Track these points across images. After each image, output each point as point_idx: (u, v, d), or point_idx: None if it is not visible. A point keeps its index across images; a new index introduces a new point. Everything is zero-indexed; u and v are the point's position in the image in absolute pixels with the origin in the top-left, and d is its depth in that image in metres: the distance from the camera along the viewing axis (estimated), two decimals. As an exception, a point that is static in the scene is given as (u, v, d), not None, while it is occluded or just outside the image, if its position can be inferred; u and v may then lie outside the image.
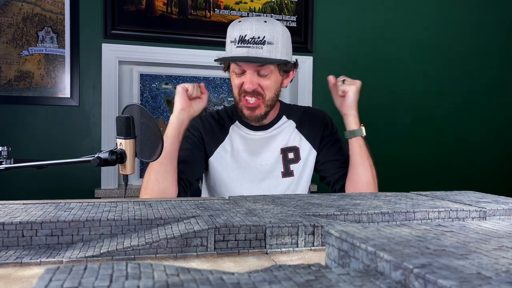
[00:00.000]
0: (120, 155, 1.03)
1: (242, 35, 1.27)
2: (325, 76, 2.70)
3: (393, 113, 2.68)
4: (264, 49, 1.26)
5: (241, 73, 1.32)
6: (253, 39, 1.26)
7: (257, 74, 1.30)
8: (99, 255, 0.56)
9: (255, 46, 1.26)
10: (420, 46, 2.73)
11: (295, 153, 1.42)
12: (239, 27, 1.28)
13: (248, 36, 1.26)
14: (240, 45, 1.27)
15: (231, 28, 1.31)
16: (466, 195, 0.95)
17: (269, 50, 1.27)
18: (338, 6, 2.57)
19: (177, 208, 0.73)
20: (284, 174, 1.41)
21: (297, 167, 1.42)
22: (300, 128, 1.45)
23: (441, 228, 0.49)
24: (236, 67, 1.32)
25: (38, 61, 2.16)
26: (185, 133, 1.42)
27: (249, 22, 1.28)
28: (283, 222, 0.64)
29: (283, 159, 1.41)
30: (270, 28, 1.28)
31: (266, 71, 1.31)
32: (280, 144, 1.42)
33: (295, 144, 1.43)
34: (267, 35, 1.27)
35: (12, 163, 1.04)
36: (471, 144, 2.85)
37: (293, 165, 1.42)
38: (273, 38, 1.28)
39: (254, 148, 1.41)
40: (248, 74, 1.29)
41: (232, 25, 1.32)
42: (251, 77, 1.29)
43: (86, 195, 2.14)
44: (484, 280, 0.32)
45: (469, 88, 2.84)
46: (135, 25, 2.26)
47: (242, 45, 1.27)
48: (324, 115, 1.51)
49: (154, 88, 2.39)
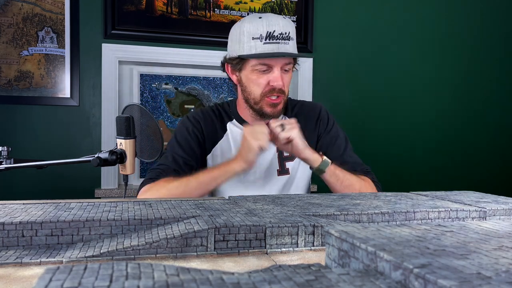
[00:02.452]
0: (120, 155, 1.03)
1: (270, 31, 1.25)
2: (325, 76, 2.71)
3: (393, 113, 2.68)
4: (290, 44, 1.28)
5: (267, 70, 1.29)
6: (281, 35, 1.26)
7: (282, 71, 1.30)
8: (99, 255, 0.56)
9: (283, 42, 1.27)
10: (420, 46, 2.73)
11: None
12: (265, 23, 1.26)
13: (276, 32, 1.26)
14: (269, 41, 1.25)
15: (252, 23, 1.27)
16: (466, 195, 0.95)
17: (293, 45, 1.30)
18: (338, 6, 2.58)
19: (177, 208, 0.73)
20: (279, 172, 1.41)
21: (293, 165, 1.42)
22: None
23: (441, 228, 0.49)
24: (260, 65, 1.28)
25: (38, 61, 2.16)
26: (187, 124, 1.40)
27: (274, 18, 1.28)
28: (283, 222, 0.64)
29: (278, 157, 1.41)
30: (291, 24, 1.31)
31: (289, 67, 1.32)
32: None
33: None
34: (291, 31, 1.29)
35: (12, 163, 1.04)
36: (471, 144, 2.85)
37: (288, 163, 1.41)
38: (293, 34, 1.31)
39: None
40: (276, 70, 1.28)
41: (251, 20, 1.29)
42: (280, 74, 1.29)
43: (86, 195, 2.14)
44: (484, 280, 0.32)
45: (469, 88, 2.84)
46: (135, 25, 2.26)
47: (271, 41, 1.25)
48: (320, 111, 1.47)
49: (154, 88, 2.39)
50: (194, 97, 2.45)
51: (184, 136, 1.37)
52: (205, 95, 2.47)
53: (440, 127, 2.79)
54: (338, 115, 1.51)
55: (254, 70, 1.30)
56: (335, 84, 2.57)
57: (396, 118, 2.69)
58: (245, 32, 1.28)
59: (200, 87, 2.46)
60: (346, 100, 2.58)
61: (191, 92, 2.44)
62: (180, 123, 1.44)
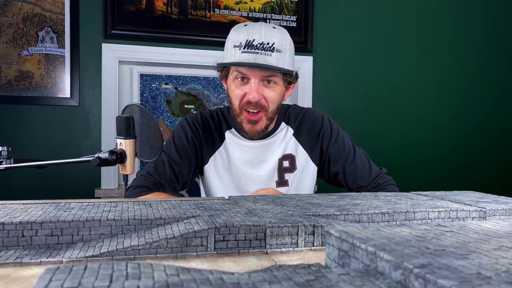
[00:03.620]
0: (120, 155, 1.03)
1: (250, 40, 1.16)
2: (325, 76, 2.71)
3: (393, 113, 2.68)
4: (273, 56, 1.17)
5: (244, 82, 1.22)
6: (261, 45, 1.16)
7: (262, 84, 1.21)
8: (99, 255, 0.56)
9: (263, 52, 1.16)
10: (420, 46, 2.73)
11: (290, 162, 1.34)
12: (246, 31, 1.18)
13: (256, 41, 1.16)
14: (247, 50, 1.16)
15: (236, 31, 1.21)
16: (466, 195, 0.95)
17: (278, 58, 1.18)
18: (338, 6, 2.58)
19: (177, 208, 0.73)
20: (278, 184, 1.34)
21: (292, 177, 1.35)
22: (297, 135, 1.37)
23: (441, 228, 0.49)
24: (238, 75, 1.21)
25: (38, 61, 2.16)
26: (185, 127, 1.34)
27: (257, 26, 1.18)
28: (283, 222, 0.64)
29: (278, 168, 1.34)
30: (280, 35, 1.19)
31: (272, 81, 1.21)
32: (277, 154, 1.34)
33: (291, 152, 1.35)
34: (277, 42, 1.17)
35: (12, 163, 1.04)
36: (471, 144, 2.85)
37: (288, 174, 1.35)
38: (282, 46, 1.19)
39: (251, 158, 1.33)
40: (253, 83, 1.19)
41: (237, 28, 1.22)
42: (256, 86, 1.19)
43: (86, 195, 2.14)
44: (484, 280, 0.32)
45: (469, 88, 2.84)
46: (135, 25, 2.26)
47: (249, 50, 1.16)
48: (323, 122, 1.38)
49: (154, 88, 2.39)
50: (194, 97, 2.45)
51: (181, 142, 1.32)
52: (205, 95, 2.47)
53: (440, 127, 2.79)
54: (338, 115, 1.51)
55: (234, 80, 1.23)
56: (335, 84, 2.57)
57: (396, 118, 2.69)
58: (229, 39, 1.23)
59: (200, 87, 2.46)
60: (346, 100, 2.58)
61: (191, 92, 2.44)
62: (179, 126, 1.37)
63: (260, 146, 1.34)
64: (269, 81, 1.21)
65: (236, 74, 1.22)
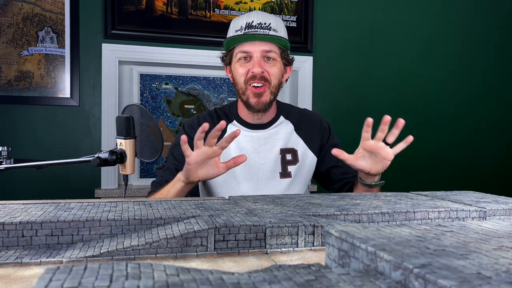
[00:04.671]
0: (120, 155, 1.03)
1: (249, 22, 1.32)
2: (325, 76, 2.71)
3: (393, 113, 2.67)
4: (271, 33, 1.33)
5: (247, 60, 1.34)
6: (259, 24, 1.31)
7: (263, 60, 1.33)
8: (99, 255, 0.56)
9: (262, 30, 1.31)
10: (420, 45, 2.73)
11: (293, 155, 1.43)
12: (245, 16, 1.34)
13: (255, 22, 1.31)
14: (247, 30, 1.31)
15: (235, 20, 1.36)
16: (466, 195, 0.95)
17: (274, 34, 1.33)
18: (338, 6, 2.58)
19: (177, 208, 0.73)
20: (281, 175, 1.42)
21: (295, 169, 1.43)
22: (298, 130, 1.46)
23: (441, 228, 0.49)
24: (241, 53, 1.33)
25: (38, 61, 2.16)
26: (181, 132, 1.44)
27: (255, 12, 1.36)
28: (283, 222, 0.64)
29: (281, 160, 1.42)
30: (275, 18, 1.36)
31: (274, 56, 1.34)
32: (279, 145, 1.43)
33: (293, 146, 1.44)
34: (273, 23, 1.33)
35: (12, 163, 1.04)
36: (471, 144, 2.85)
37: (290, 167, 1.42)
38: (277, 27, 1.34)
39: (254, 147, 1.41)
40: (256, 57, 1.32)
41: (236, 18, 1.38)
42: (258, 60, 1.32)
43: (86, 195, 2.14)
44: (484, 280, 0.32)
45: (468, 88, 2.84)
46: (135, 25, 2.26)
47: (249, 31, 1.31)
48: (321, 121, 1.51)
49: (154, 88, 2.39)
50: (194, 97, 2.45)
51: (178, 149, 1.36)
52: (205, 95, 2.47)
53: (440, 127, 2.79)
54: (338, 115, 1.51)
55: (238, 60, 1.35)
56: (335, 84, 2.57)
57: (396, 118, 2.68)
58: (230, 28, 1.38)
59: (200, 87, 2.46)
60: (346, 100, 2.58)
61: (191, 92, 2.44)
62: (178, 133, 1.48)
63: (262, 136, 1.42)
64: (269, 58, 1.34)
65: (240, 55, 1.34)
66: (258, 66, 1.31)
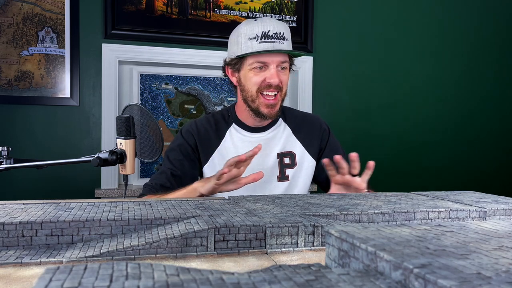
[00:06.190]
0: (120, 155, 1.03)
1: (265, 31, 1.32)
2: (325, 76, 2.71)
3: (393, 113, 2.68)
4: (285, 44, 1.34)
5: (262, 69, 1.34)
6: (276, 35, 1.33)
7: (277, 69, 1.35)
8: (99, 255, 0.56)
9: (278, 41, 1.33)
10: (421, 46, 2.72)
11: (291, 158, 1.44)
12: (260, 24, 1.33)
13: (271, 32, 1.32)
14: (264, 40, 1.32)
15: (249, 26, 1.34)
16: (466, 195, 0.95)
17: (288, 45, 1.36)
18: (338, 6, 2.58)
19: (177, 208, 0.73)
20: (279, 178, 1.43)
21: (292, 172, 1.44)
22: (296, 134, 1.47)
23: (441, 228, 0.49)
24: (256, 63, 1.34)
25: (38, 61, 2.16)
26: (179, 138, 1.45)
27: (268, 19, 1.36)
28: (283, 222, 0.64)
29: (279, 164, 1.43)
30: (284, 26, 1.38)
31: (286, 65, 1.37)
32: (277, 148, 1.43)
33: (291, 149, 1.45)
34: (285, 32, 1.35)
35: (12, 163, 1.04)
36: (471, 144, 2.85)
37: (288, 170, 1.43)
38: (288, 35, 1.38)
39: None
40: (273, 68, 1.33)
41: (248, 23, 1.36)
42: (276, 71, 1.34)
43: (86, 195, 2.14)
44: (484, 280, 0.32)
45: (468, 89, 2.84)
46: (135, 25, 2.26)
47: (266, 40, 1.32)
48: (321, 124, 1.51)
49: (154, 88, 2.39)
50: (194, 97, 2.45)
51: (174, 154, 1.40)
52: (205, 95, 2.47)
53: (440, 127, 2.79)
54: (338, 115, 1.51)
55: (252, 69, 1.35)
56: (335, 84, 2.57)
57: (396, 118, 2.69)
58: (242, 34, 1.35)
59: (200, 87, 2.46)
60: (346, 100, 2.58)
61: (191, 92, 2.44)
62: (175, 137, 1.48)
63: (261, 140, 1.42)
64: (283, 67, 1.37)
65: (253, 62, 1.34)
66: (276, 77, 1.33)
